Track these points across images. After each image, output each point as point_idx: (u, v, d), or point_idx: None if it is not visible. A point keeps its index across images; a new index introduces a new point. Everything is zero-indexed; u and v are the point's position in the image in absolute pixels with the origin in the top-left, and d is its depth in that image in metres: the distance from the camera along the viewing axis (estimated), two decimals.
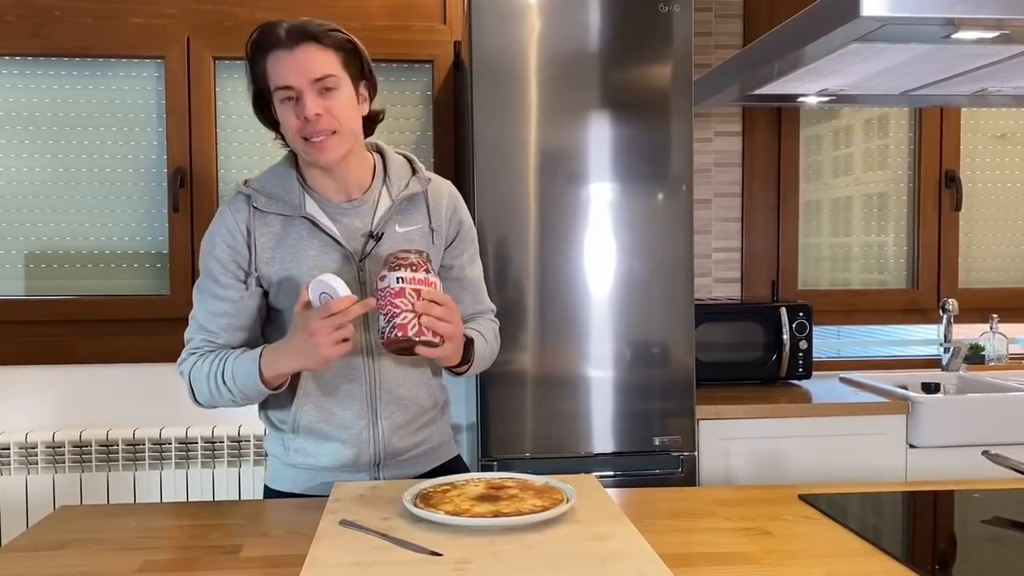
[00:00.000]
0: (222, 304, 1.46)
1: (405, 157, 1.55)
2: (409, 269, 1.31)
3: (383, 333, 1.33)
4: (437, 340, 1.34)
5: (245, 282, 1.44)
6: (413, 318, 1.31)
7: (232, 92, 2.61)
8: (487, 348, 1.55)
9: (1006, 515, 1.38)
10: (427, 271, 1.34)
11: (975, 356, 2.90)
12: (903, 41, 1.68)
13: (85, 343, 2.57)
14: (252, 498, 2.47)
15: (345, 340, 1.33)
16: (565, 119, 2.20)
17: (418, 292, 1.31)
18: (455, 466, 1.63)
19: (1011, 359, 2.93)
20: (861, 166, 3.07)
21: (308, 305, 1.34)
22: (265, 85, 1.41)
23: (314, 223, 1.44)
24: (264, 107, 1.45)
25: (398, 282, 1.30)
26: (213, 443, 2.49)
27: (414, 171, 1.53)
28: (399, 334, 1.32)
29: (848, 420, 2.38)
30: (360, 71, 1.44)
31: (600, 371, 2.21)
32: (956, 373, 2.80)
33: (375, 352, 1.48)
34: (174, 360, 2.55)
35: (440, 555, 1.11)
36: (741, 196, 2.97)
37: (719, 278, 2.98)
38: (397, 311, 1.31)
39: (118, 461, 2.46)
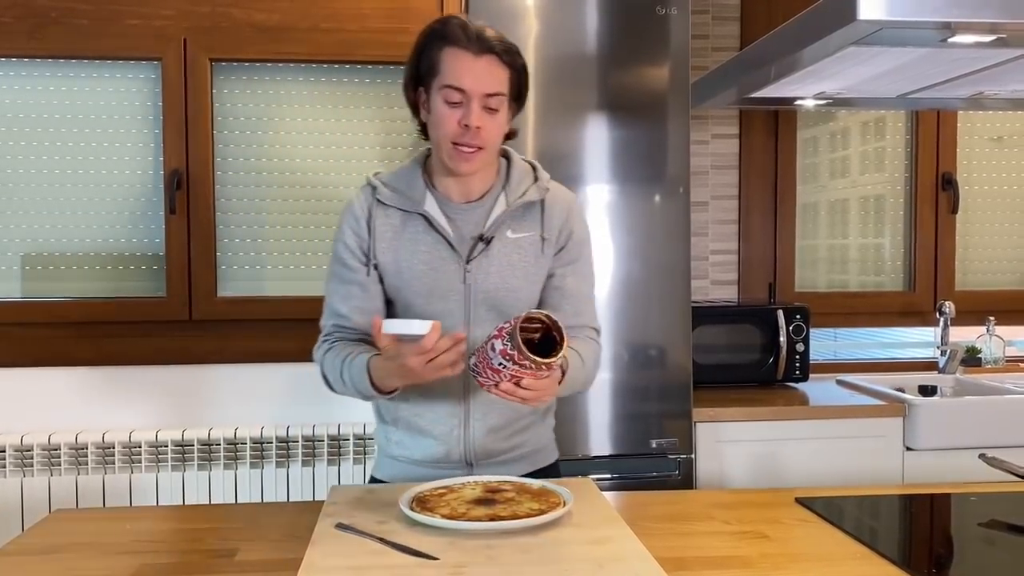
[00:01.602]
0: (351, 287, 1.51)
1: (530, 164, 1.56)
2: (518, 367, 1.25)
3: (469, 365, 1.34)
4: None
5: (367, 265, 1.49)
6: (493, 386, 1.29)
7: (229, 94, 2.61)
8: (582, 373, 1.48)
9: (1002, 518, 1.38)
10: (540, 368, 1.25)
11: (972, 358, 2.91)
12: (900, 45, 1.68)
13: (81, 345, 2.57)
14: (249, 501, 2.47)
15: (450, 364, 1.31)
16: (562, 121, 2.20)
17: (517, 379, 1.27)
18: (552, 472, 1.61)
19: (1008, 361, 2.93)
20: (858, 168, 3.07)
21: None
22: (429, 71, 1.42)
23: (430, 220, 1.47)
24: (415, 87, 1.46)
25: (501, 365, 1.26)
26: (210, 446, 2.48)
27: (536, 179, 1.53)
28: (478, 384, 1.34)
29: (845, 423, 2.38)
30: (518, 94, 1.46)
31: (597, 373, 2.20)
32: (953, 376, 2.80)
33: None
34: (170, 362, 2.59)
35: (436, 559, 1.10)
36: (738, 198, 2.97)
37: (716, 280, 2.98)
38: (484, 374, 1.29)
39: (114, 464, 2.46)
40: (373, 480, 1.61)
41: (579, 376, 1.47)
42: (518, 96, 1.46)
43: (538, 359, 1.23)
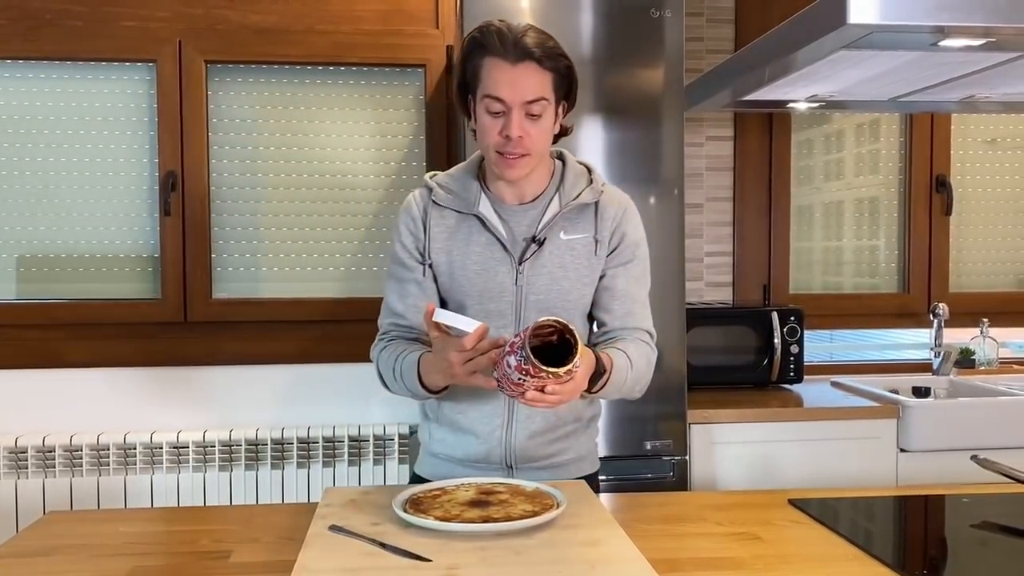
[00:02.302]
0: (408, 285, 1.52)
1: (585, 166, 1.56)
2: (537, 379, 1.22)
3: (495, 377, 1.32)
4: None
5: (424, 264, 1.51)
6: (520, 396, 1.27)
7: (224, 95, 2.61)
8: (630, 375, 1.46)
9: (995, 519, 1.39)
10: (559, 377, 1.21)
11: (966, 360, 2.91)
12: (890, 48, 1.69)
13: (76, 346, 2.57)
14: (244, 502, 2.47)
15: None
16: None
17: (540, 387, 1.24)
18: (590, 483, 1.57)
19: (1001, 363, 2.94)
20: (853, 170, 3.08)
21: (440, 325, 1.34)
22: (473, 81, 1.42)
23: (483, 222, 1.48)
24: (463, 95, 1.47)
25: (520, 380, 1.23)
26: (205, 447, 2.48)
27: (591, 181, 1.53)
28: (502, 393, 1.33)
29: (839, 424, 2.38)
30: (566, 93, 1.45)
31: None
32: (947, 377, 2.80)
33: None
34: (164, 364, 2.59)
35: (429, 561, 1.11)
36: (733, 200, 2.98)
37: (711, 282, 2.98)
38: (508, 388, 1.28)
39: (109, 465, 2.45)
40: (414, 476, 1.62)
41: (626, 379, 1.45)
42: (567, 95, 1.46)
43: (554, 370, 1.19)
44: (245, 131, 2.62)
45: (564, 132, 1.51)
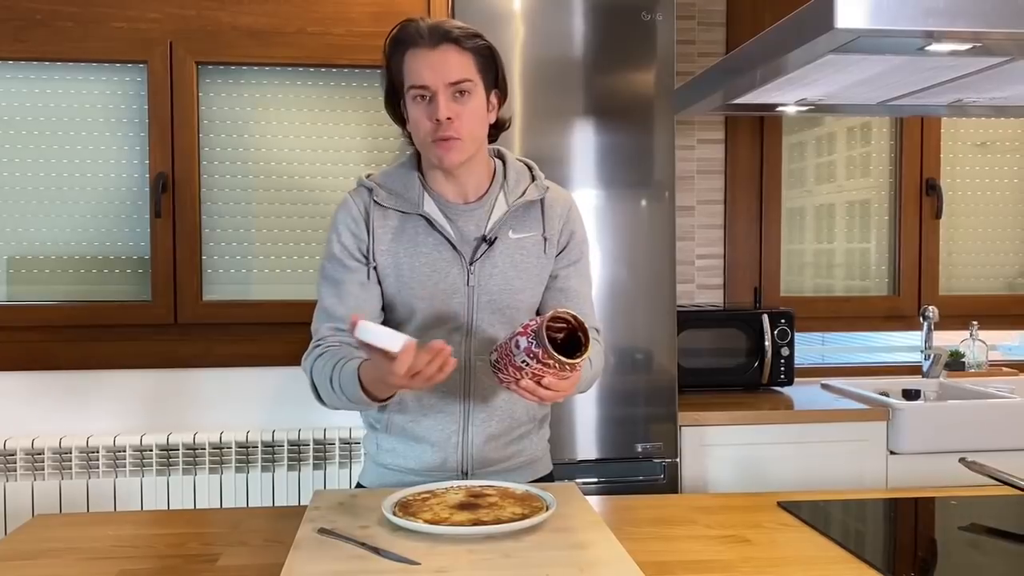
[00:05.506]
0: (349, 287, 1.46)
1: (525, 164, 1.55)
2: (541, 365, 1.23)
3: (490, 360, 1.33)
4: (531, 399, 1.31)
5: (367, 266, 1.46)
6: (513, 383, 1.28)
7: (215, 97, 2.60)
8: (589, 373, 1.46)
9: (983, 521, 1.39)
10: (563, 367, 1.23)
11: (955, 363, 2.93)
12: (878, 53, 1.69)
13: (66, 349, 2.55)
14: (234, 505, 2.46)
15: (437, 371, 1.24)
16: (548, 125, 2.21)
17: (538, 378, 1.26)
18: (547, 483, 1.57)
19: (991, 366, 2.95)
20: (844, 173, 3.09)
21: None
22: (399, 81, 1.41)
23: (430, 222, 1.45)
24: (395, 103, 1.46)
25: (524, 363, 1.24)
26: (195, 450, 2.47)
27: (533, 179, 1.52)
28: (496, 381, 1.34)
29: (829, 427, 2.39)
30: (494, 79, 1.44)
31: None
32: (936, 380, 2.82)
33: (472, 360, 1.46)
34: (155, 366, 2.58)
35: (418, 564, 1.11)
36: (724, 203, 2.99)
37: (702, 285, 2.99)
38: (505, 371, 1.28)
39: (98, 468, 2.44)
40: (359, 487, 1.58)
41: (587, 377, 1.46)
42: (494, 81, 1.44)
43: (563, 359, 1.21)
44: (236, 133, 2.61)
45: (501, 125, 1.49)
